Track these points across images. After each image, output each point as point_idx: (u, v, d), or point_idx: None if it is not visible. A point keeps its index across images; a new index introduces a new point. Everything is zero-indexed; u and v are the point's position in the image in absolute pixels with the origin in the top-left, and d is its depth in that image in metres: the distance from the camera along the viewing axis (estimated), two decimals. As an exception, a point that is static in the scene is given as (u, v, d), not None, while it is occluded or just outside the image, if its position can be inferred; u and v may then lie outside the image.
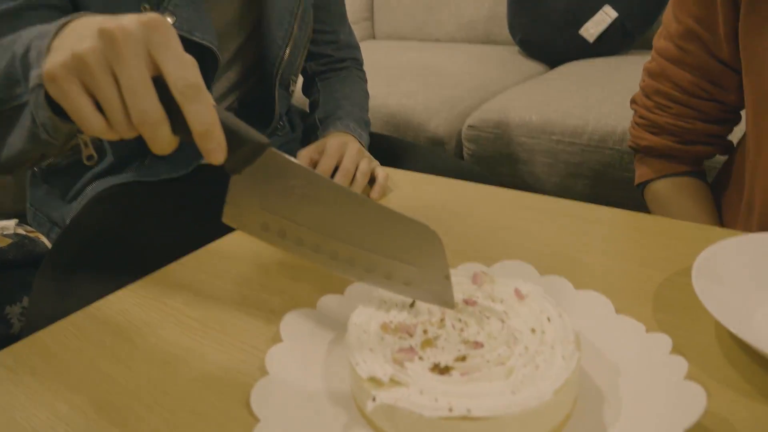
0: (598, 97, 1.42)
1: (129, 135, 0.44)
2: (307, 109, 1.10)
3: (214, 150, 0.43)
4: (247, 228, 0.49)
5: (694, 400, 0.39)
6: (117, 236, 0.76)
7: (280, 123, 1.02)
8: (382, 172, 0.84)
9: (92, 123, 0.43)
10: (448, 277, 0.46)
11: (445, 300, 0.46)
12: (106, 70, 0.41)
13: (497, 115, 1.47)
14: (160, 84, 0.42)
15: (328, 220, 0.47)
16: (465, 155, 1.54)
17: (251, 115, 0.97)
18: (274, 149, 0.46)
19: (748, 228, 0.76)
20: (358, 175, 0.83)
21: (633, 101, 0.92)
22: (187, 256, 0.68)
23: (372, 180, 0.84)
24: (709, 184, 0.88)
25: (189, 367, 0.50)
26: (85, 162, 0.57)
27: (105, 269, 0.68)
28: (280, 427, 0.42)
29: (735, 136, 0.87)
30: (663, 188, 0.87)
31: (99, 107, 0.43)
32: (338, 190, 0.47)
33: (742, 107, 0.81)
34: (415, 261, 0.46)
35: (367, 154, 0.88)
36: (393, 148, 1.05)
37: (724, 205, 0.84)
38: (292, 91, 1.04)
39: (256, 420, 0.42)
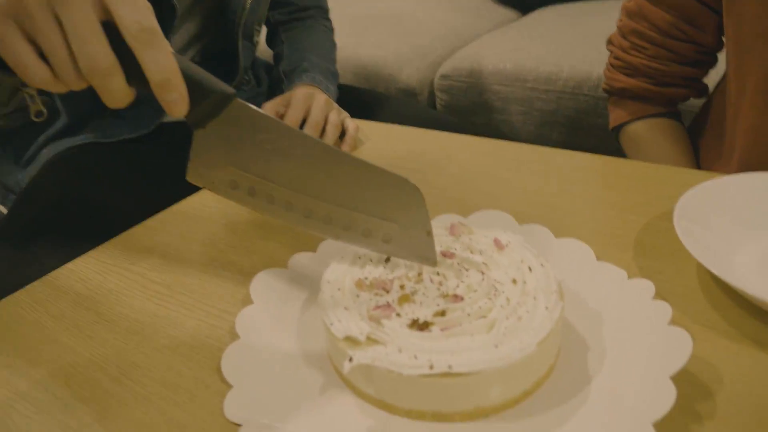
0: (572, 43, 1.39)
1: (78, 86, 0.40)
2: (272, 62, 1.05)
3: (175, 102, 0.40)
4: (214, 186, 0.45)
5: (680, 346, 0.38)
6: (75, 200, 0.72)
7: (246, 77, 0.97)
8: (352, 123, 0.81)
9: (35, 73, 0.39)
10: (430, 233, 0.43)
11: (427, 257, 0.43)
12: (47, 13, 0.37)
13: (470, 63, 1.43)
14: (111, 30, 0.38)
15: (301, 175, 0.44)
16: (438, 106, 1.50)
17: (215, 69, 0.92)
18: (240, 100, 0.42)
19: (727, 171, 0.75)
20: (328, 127, 0.79)
21: (609, 42, 0.89)
22: (151, 218, 0.65)
23: (342, 133, 0.81)
24: (684, 126, 0.87)
25: (157, 335, 0.47)
26: (34, 118, 0.53)
27: (63, 236, 0.65)
28: (254, 393, 0.40)
29: (711, 79, 0.86)
30: (639, 130, 0.86)
31: (43, 55, 0.39)
32: (312, 143, 0.43)
33: (719, 49, 0.80)
34: (394, 217, 0.43)
35: (336, 105, 0.84)
36: (363, 100, 1.01)
37: (702, 149, 0.83)
38: (256, 43, 0.99)
39: (229, 386, 0.41)
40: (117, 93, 0.39)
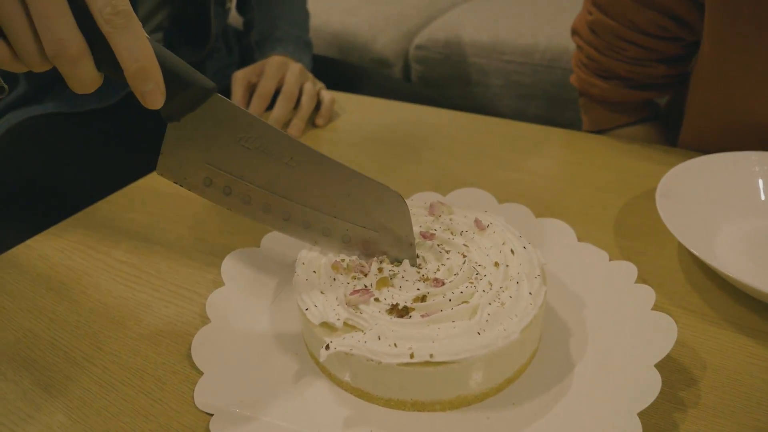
0: (549, 14, 1.37)
1: (40, 69, 0.36)
2: (242, 29, 1.01)
3: (152, 92, 0.36)
4: (187, 183, 0.43)
5: (664, 333, 0.37)
6: (36, 174, 0.69)
7: (216, 44, 0.94)
8: (328, 95, 0.79)
9: None
10: (412, 245, 0.42)
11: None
12: None
13: (446, 34, 1.40)
14: (79, 9, 0.35)
15: (281, 177, 0.42)
16: (413, 77, 1.48)
17: (184, 36, 0.88)
18: (220, 96, 0.40)
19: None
20: (303, 98, 0.77)
21: (575, 32, 0.76)
22: (116, 193, 0.62)
23: (318, 104, 0.78)
24: (664, 123, 0.79)
25: (123, 318, 0.45)
26: None
27: (23, 211, 0.62)
28: (226, 380, 0.38)
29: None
30: (619, 135, 0.80)
31: (3, 34, 0.35)
32: (294, 145, 0.41)
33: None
34: (377, 227, 0.43)
35: (311, 75, 0.81)
36: (337, 71, 0.98)
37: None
38: (228, 9, 0.95)
39: (200, 373, 0.39)
40: (84, 79, 0.36)
